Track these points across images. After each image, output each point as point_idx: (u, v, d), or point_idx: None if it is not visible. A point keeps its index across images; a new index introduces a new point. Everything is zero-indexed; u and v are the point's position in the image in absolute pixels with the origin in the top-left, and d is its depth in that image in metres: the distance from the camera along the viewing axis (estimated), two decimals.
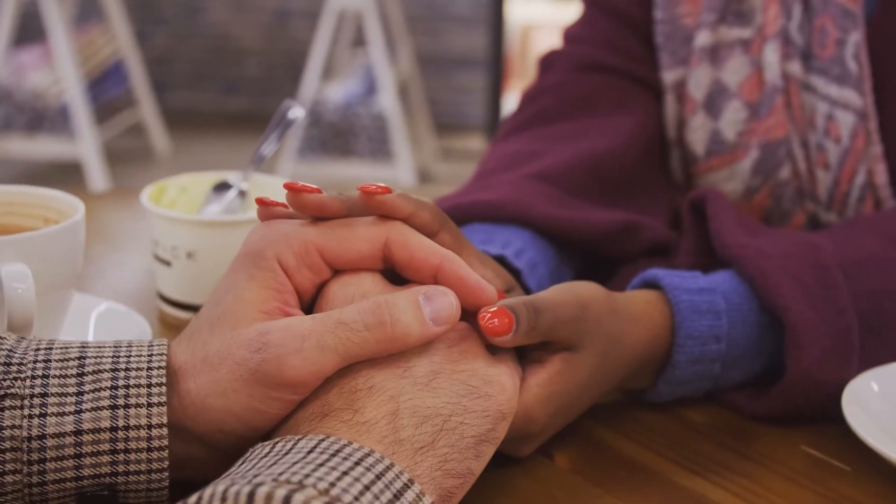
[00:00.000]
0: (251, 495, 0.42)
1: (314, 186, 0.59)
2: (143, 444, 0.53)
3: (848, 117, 0.86)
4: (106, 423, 0.52)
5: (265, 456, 0.49)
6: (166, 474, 0.53)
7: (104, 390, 0.53)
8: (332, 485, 0.45)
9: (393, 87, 3.70)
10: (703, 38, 0.95)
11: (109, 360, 0.54)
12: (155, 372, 0.54)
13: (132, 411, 0.53)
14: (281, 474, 0.45)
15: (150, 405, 0.53)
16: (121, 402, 0.53)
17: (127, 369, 0.54)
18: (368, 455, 0.49)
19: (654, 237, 0.85)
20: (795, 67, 0.90)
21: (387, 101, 3.68)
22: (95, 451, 0.52)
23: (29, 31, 4.02)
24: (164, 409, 0.53)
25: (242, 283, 0.57)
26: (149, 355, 0.55)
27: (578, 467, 0.66)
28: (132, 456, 0.53)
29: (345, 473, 0.46)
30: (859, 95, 0.86)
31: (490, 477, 0.62)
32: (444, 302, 0.56)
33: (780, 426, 0.71)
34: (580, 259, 0.86)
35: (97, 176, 3.61)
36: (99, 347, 0.55)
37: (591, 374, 0.65)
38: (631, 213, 0.88)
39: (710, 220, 0.76)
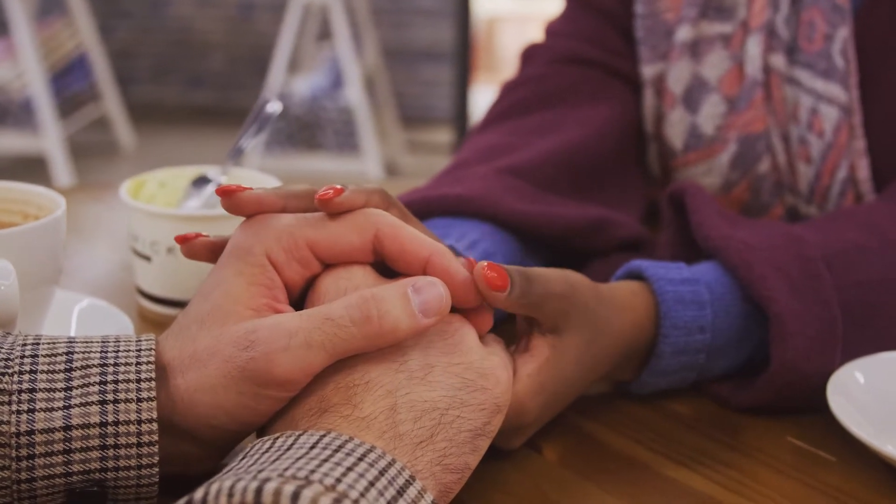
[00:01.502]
0: (259, 491, 0.42)
1: (245, 186, 0.59)
2: (133, 440, 0.52)
3: (832, 112, 0.87)
4: (95, 419, 0.52)
5: (267, 451, 0.48)
6: (156, 470, 0.53)
7: (93, 385, 0.52)
8: (339, 480, 0.44)
9: (359, 81, 3.69)
10: (683, 33, 0.95)
11: (98, 355, 0.54)
12: (144, 367, 0.53)
13: (122, 406, 0.52)
14: (286, 470, 0.45)
15: (139, 400, 0.52)
16: (110, 397, 0.52)
17: (116, 364, 0.53)
18: (371, 451, 0.48)
19: (624, 234, 0.85)
20: (779, 60, 0.91)
21: (353, 94, 3.67)
22: (85, 446, 0.52)
23: None
24: (154, 404, 0.52)
25: (231, 279, 0.56)
26: (137, 350, 0.54)
27: (567, 461, 0.66)
28: (122, 451, 0.52)
29: (349, 469, 0.46)
30: (844, 90, 0.86)
31: (479, 471, 0.62)
32: (433, 293, 0.55)
33: (766, 417, 0.71)
34: (548, 253, 0.86)
35: (61, 170, 3.57)
36: (86, 342, 0.55)
37: (578, 362, 0.65)
38: (602, 205, 0.88)
39: (690, 213, 0.76)
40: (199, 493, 0.42)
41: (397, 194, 0.73)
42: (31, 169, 3.78)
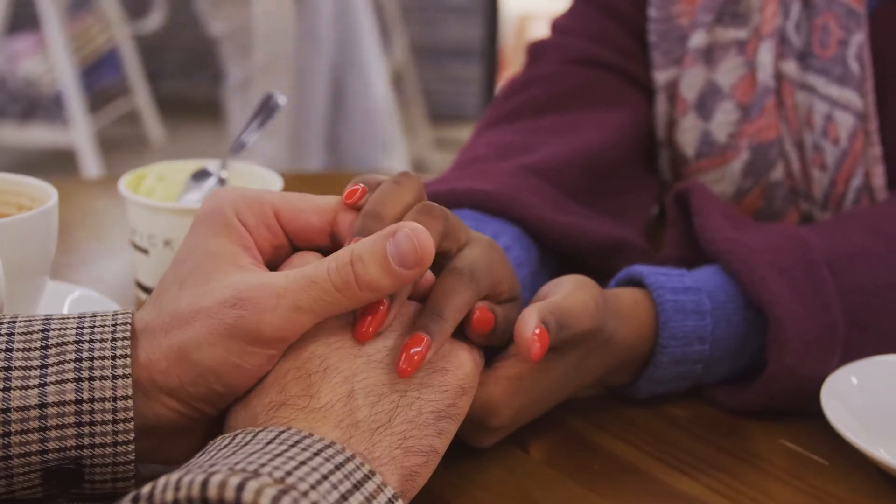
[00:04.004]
0: (205, 483, 0.42)
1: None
2: (109, 417, 0.52)
3: (848, 118, 0.85)
4: (71, 396, 0.52)
5: (224, 447, 0.49)
6: (132, 447, 0.53)
7: (68, 363, 0.52)
8: (289, 473, 0.44)
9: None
10: (698, 39, 0.93)
11: (73, 332, 0.54)
12: (119, 343, 0.53)
13: (97, 384, 0.52)
14: (237, 464, 0.45)
15: (114, 377, 0.52)
16: (85, 374, 0.52)
17: (91, 341, 0.53)
18: (329, 446, 0.48)
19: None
20: (791, 67, 0.89)
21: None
22: (60, 424, 0.52)
23: (22, 18, 4.00)
24: (129, 381, 0.52)
25: (209, 239, 0.56)
26: (113, 325, 0.54)
27: (553, 460, 0.65)
28: (97, 428, 0.52)
29: (302, 463, 0.46)
30: (860, 96, 0.85)
31: (462, 467, 0.62)
32: (408, 245, 0.54)
33: (759, 420, 0.71)
34: (559, 264, 0.84)
35: (91, 164, 3.59)
36: (63, 319, 0.55)
37: (566, 374, 0.64)
38: (613, 211, 0.87)
39: (694, 215, 0.75)
40: (146, 488, 0.42)
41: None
42: (61, 162, 3.81)
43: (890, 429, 0.66)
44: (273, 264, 0.59)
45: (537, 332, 0.58)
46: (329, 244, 0.59)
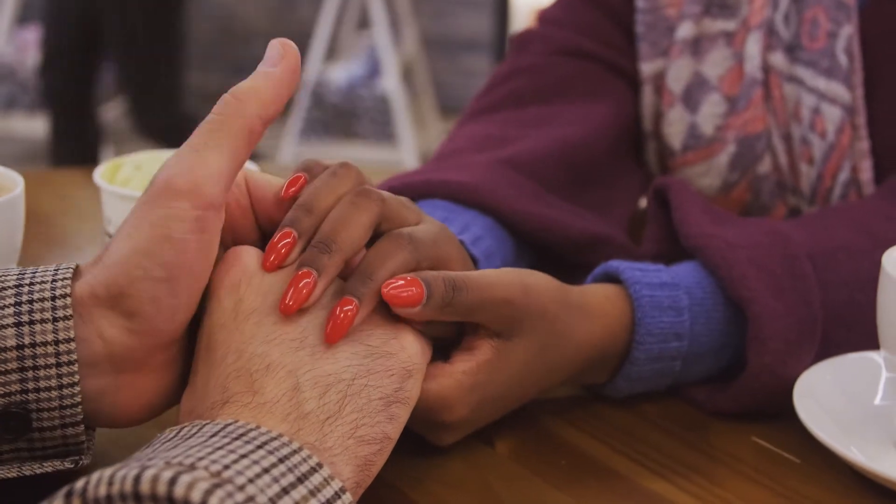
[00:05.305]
0: (137, 478, 0.41)
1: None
2: (52, 360, 0.52)
3: (835, 111, 0.84)
4: (11, 342, 0.51)
5: (169, 440, 0.48)
6: (77, 388, 0.52)
7: (7, 307, 0.52)
8: (227, 467, 0.44)
9: (396, 69, 3.69)
10: (685, 30, 0.92)
11: (14, 278, 0.53)
12: (59, 283, 0.52)
13: (38, 327, 0.52)
14: (175, 457, 0.44)
15: (55, 319, 0.52)
16: (25, 318, 0.52)
17: (31, 284, 0.53)
18: (274, 439, 0.47)
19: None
20: (778, 59, 0.88)
21: (389, 83, 3.67)
22: (3, 370, 0.51)
23: (32, 9, 4.01)
24: (71, 322, 0.52)
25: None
26: (55, 270, 0.54)
27: (519, 455, 0.64)
28: (41, 373, 0.52)
29: (243, 456, 0.45)
30: (848, 90, 0.84)
31: (422, 460, 0.61)
32: (270, 48, 0.57)
33: (732, 417, 0.69)
34: (536, 256, 0.83)
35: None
36: (5, 270, 0.54)
37: (525, 368, 0.63)
38: (594, 205, 0.86)
39: (673, 210, 0.74)
40: (80, 483, 0.42)
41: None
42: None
43: (864, 427, 0.65)
44: (234, 223, 0.59)
45: (404, 278, 0.56)
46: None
